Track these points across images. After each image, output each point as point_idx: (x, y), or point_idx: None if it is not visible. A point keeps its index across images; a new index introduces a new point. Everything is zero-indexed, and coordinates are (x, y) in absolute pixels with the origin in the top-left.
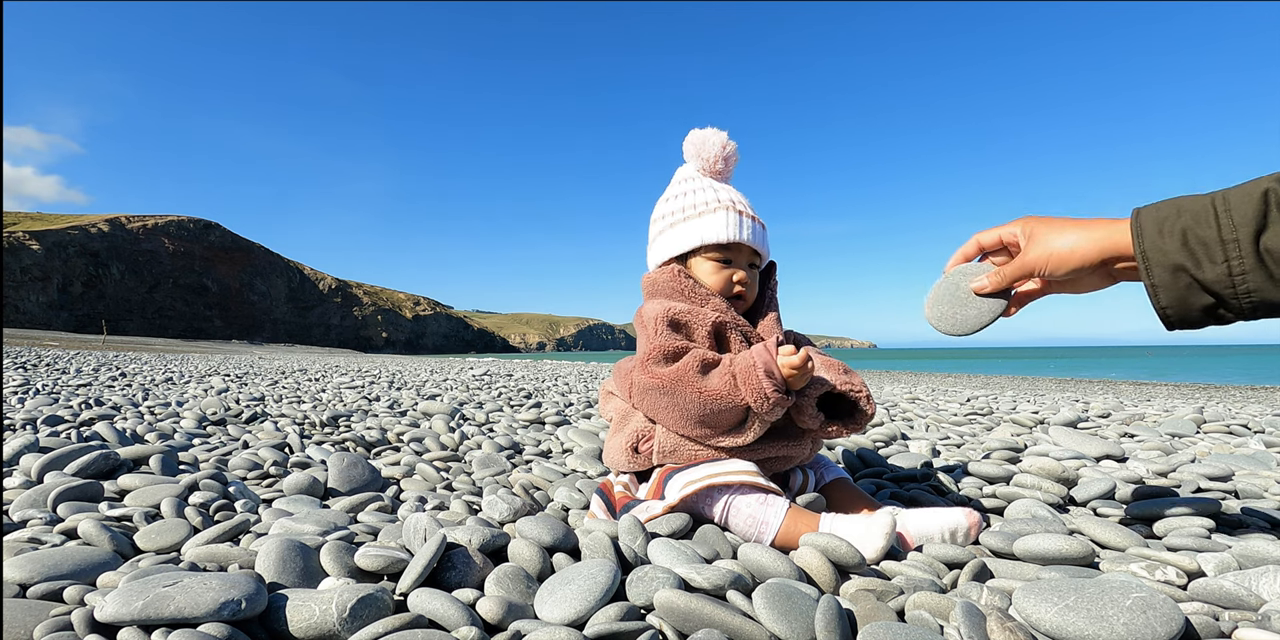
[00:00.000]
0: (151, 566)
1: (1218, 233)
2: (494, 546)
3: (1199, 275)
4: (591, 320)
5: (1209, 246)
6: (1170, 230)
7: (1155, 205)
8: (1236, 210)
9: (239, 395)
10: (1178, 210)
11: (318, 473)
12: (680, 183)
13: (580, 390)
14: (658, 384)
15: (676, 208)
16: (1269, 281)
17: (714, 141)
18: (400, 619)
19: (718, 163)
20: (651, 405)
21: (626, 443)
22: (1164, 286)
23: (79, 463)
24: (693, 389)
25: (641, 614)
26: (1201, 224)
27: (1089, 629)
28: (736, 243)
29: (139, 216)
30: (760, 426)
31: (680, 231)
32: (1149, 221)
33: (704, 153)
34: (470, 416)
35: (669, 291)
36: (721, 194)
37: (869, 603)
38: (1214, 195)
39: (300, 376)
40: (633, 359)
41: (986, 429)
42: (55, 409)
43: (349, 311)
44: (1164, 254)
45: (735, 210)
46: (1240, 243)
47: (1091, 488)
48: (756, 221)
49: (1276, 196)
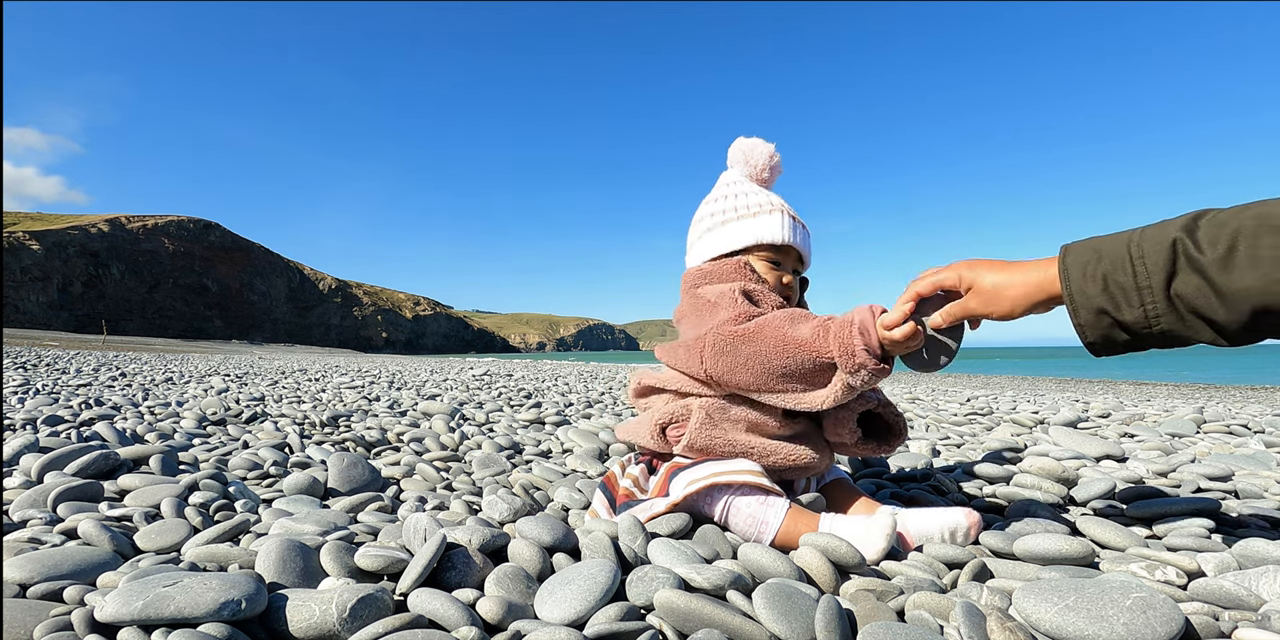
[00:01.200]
0: (151, 566)
1: (1134, 280)
2: (494, 546)
3: (1119, 317)
4: (591, 320)
5: (1127, 292)
6: (1092, 275)
7: (1078, 247)
8: (1149, 258)
9: (239, 395)
10: (1098, 255)
11: (318, 473)
12: (728, 185)
13: (580, 390)
14: (741, 332)
15: (728, 207)
16: (1180, 322)
17: (762, 150)
18: (400, 619)
19: (764, 171)
20: (729, 363)
21: (657, 421)
22: (1089, 325)
23: (79, 463)
24: (778, 335)
25: (641, 614)
26: (1119, 270)
27: (1089, 629)
28: (788, 245)
29: (139, 216)
30: (844, 392)
31: (732, 230)
32: (1074, 265)
33: (752, 160)
34: (470, 416)
35: (735, 279)
36: (774, 198)
37: (869, 603)
38: (1130, 239)
39: (300, 376)
40: (679, 342)
41: (986, 429)
42: (55, 409)
43: (349, 311)
44: (1088, 298)
45: (789, 214)
46: (1154, 289)
47: (1091, 488)
48: (804, 227)
49: (1183, 246)
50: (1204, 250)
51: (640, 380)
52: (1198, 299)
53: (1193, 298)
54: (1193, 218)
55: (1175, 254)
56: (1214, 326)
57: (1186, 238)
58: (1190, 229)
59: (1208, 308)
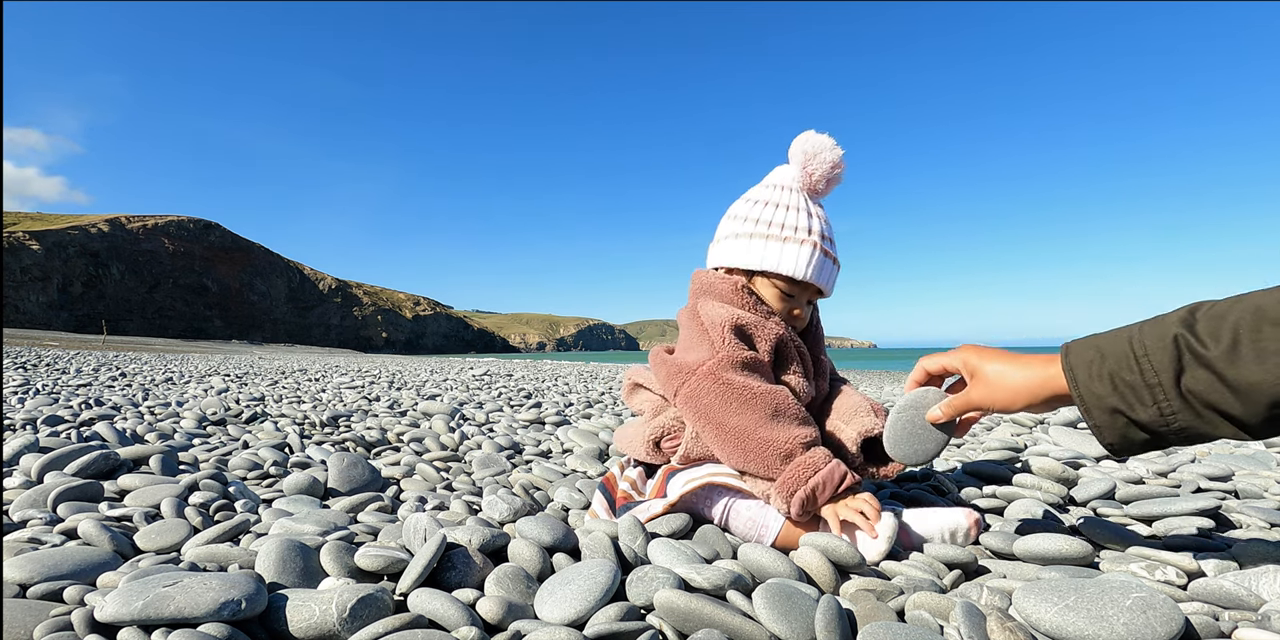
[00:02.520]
0: (151, 566)
1: (1141, 377)
2: (494, 546)
3: (1134, 416)
4: (591, 320)
5: (1137, 391)
6: (1099, 374)
7: (1079, 346)
8: (1154, 356)
9: (239, 395)
10: (1100, 353)
11: (318, 473)
12: (775, 189)
13: (580, 390)
14: (720, 390)
15: (765, 217)
16: (1197, 418)
17: (827, 157)
18: (400, 619)
19: (821, 181)
20: (692, 410)
21: (651, 435)
22: (1105, 426)
23: (79, 463)
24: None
25: (641, 614)
26: (1125, 369)
27: (1089, 629)
28: (806, 281)
29: (139, 216)
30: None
31: (756, 246)
32: (1078, 364)
33: (812, 165)
34: (470, 416)
35: (731, 302)
36: (814, 223)
37: (869, 603)
38: (1129, 337)
39: (300, 376)
40: (670, 347)
41: (986, 429)
42: (55, 409)
43: (349, 311)
44: (1098, 397)
45: (821, 249)
46: (1164, 386)
47: (1091, 488)
48: (833, 261)
49: (1185, 342)
50: (1207, 345)
51: (631, 377)
52: (1211, 394)
53: (1206, 393)
54: (1189, 312)
55: (1179, 350)
56: (1233, 421)
57: (1187, 332)
58: (1189, 323)
59: (1223, 402)
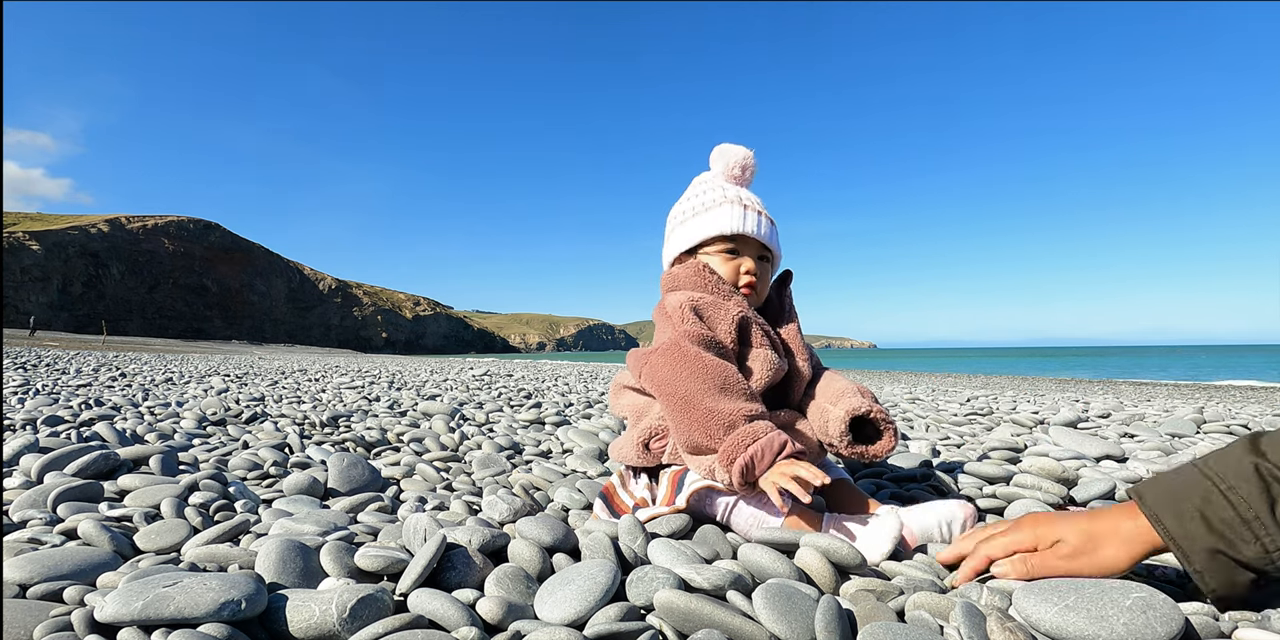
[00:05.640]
0: (151, 567)
1: (1235, 513)
2: (494, 547)
3: (1237, 555)
4: (591, 320)
5: (1234, 528)
6: (1188, 514)
7: (1149, 489)
8: (1241, 489)
9: (239, 395)
10: (1173, 495)
11: (318, 473)
12: (695, 186)
13: (580, 390)
14: (674, 352)
15: (688, 207)
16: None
17: (737, 151)
18: (400, 619)
19: (735, 168)
20: (649, 371)
21: (639, 438)
22: (1208, 570)
23: (79, 463)
24: (696, 389)
25: (641, 614)
26: (1215, 506)
27: (1089, 629)
28: (742, 234)
29: (139, 217)
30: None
31: (690, 226)
32: (1158, 506)
33: (726, 158)
34: (470, 417)
35: (691, 285)
36: (729, 191)
37: (869, 603)
38: (1202, 472)
39: (300, 377)
40: (647, 347)
41: (986, 429)
42: (55, 409)
43: (349, 312)
44: (1194, 540)
45: (741, 204)
46: (1262, 520)
47: (1091, 488)
48: (764, 217)
49: (1268, 470)
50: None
51: (616, 381)
52: None
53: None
54: (1251, 442)
55: (1266, 481)
56: None
57: (1264, 461)
58: (1259, 452)
59: None
